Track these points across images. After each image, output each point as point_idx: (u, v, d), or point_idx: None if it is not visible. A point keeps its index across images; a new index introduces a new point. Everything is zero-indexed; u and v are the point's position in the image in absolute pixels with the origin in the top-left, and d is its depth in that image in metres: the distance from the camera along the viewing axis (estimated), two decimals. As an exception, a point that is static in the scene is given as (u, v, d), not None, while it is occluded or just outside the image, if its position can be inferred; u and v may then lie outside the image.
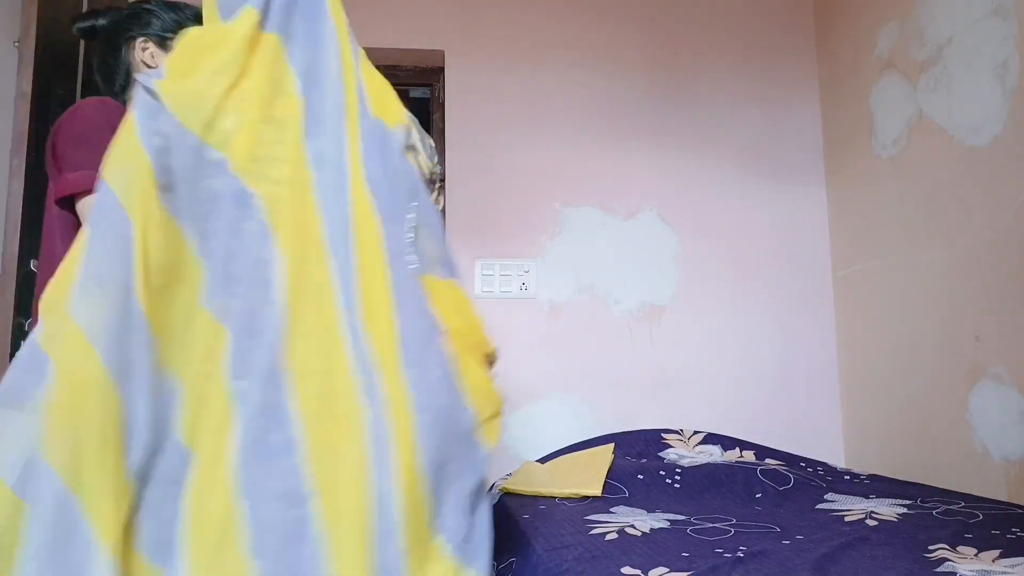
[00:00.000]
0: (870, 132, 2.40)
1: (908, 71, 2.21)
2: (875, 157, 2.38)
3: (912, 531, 1.33)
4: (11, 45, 1.84)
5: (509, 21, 2.62)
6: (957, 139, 2.00)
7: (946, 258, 2.05)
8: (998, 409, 1.85)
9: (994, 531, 1.31)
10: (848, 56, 2.55)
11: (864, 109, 2.44)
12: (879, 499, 1.66)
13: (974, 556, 1.15)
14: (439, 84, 2.70)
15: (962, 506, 1.54)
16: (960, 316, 1.98)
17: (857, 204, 2.48)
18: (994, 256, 1.87)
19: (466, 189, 2.52)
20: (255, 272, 0.95)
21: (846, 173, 2.57)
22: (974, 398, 1.93)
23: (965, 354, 1.96)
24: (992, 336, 1.88)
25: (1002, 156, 1.85)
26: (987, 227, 1.89)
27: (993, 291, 1.87)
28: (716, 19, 2.74)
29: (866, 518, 1.46)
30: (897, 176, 2.27)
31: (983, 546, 1.20)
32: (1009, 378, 1.82)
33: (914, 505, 1.58)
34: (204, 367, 0.92)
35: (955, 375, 2.00)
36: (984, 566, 1.08)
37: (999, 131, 1.86)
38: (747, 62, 2.71)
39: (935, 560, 1.13)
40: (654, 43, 2.68)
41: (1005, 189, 1.84)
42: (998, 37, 1.86)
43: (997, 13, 1.87)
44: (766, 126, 2.67)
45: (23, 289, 1.66)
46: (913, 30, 2.19)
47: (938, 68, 2.08)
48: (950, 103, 2.04)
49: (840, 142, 2.61)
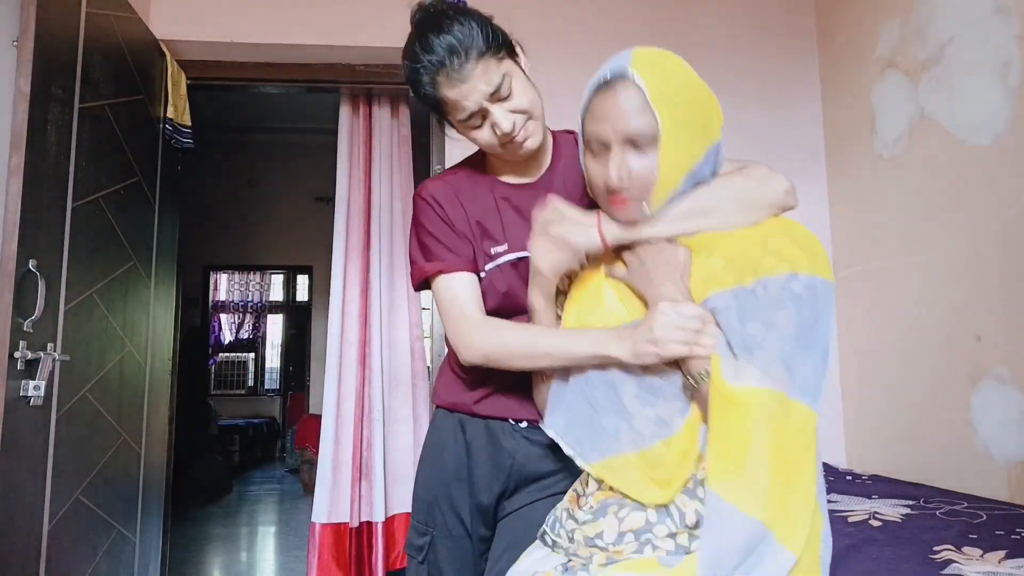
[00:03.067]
0: (871, 131, 2.40)
1: (909, 70, 2.21)
2: (876, 156, 2.37)
3: (916, 532, 1.33)
4: (10, 45, 1.83)
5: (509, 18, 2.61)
6: (959, 138, 2.00)
7: (948, 258, 2.04)
8: (1000, 409, 1.85)
9: (998, 532, 1.31)
10: (849, 55, 2.55)
11: (865, 108, 2.43)
12: (882, 500, 1.65)
13: (979, 557, 1.14)
14: (439, 83, 2.69)
15: (965, 507, 1.54)
16: (962, 316, 1.98)
17: (858, 204, 2.48)
18: (996, 255, 1.87)
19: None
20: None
21: (847, 172, 2.56)
22: (976, 398, 1.93)
23: (967, 354, 1.96)
24: (994, 336, 1.87)
25: (1004, 155, 1.84)
26: (989, 226, 1.89)
27: (995, 291, 1.87)
28: (717, 19, 2.73)
29: (870, 519, 1.46)
30: (899, 176, 2.26)
31: (988, 547, 1.19)
32: (1011, 378, 1.81)
33: (917, 506, 1.58)
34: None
35: (957, 375, 1.99)
36: (990, 567, 1.08)
37: (1001, 130, 1.85)
38: (748, 62, 2.71)
39: (941, 562, 1.12)
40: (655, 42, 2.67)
41: (1007, 188, 1.83)
42: (1000, 36, 1.86)
43: (999, 12, 1.86)
44: (767, 126, 2.66)
45: (22, 289, 1.66)
46: (914, 29, 2.19)
47: (939, 67, 2.08)
48: (952, 102, 2.03)
49: (841, 141, 2.60)
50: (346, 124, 3.16)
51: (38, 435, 1.73)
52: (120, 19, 2.21)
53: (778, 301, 0.92)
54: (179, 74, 2.63)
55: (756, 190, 1.03)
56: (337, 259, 3.05)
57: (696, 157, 1.00)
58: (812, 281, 0.93)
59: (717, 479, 0.89)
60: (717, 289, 0.96)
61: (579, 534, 1.00)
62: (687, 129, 0.98)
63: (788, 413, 0.89)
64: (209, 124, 4.41)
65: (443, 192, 1.28)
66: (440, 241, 1.25)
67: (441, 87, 1.14)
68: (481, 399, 1.30)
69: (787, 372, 0.90)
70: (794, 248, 0.95)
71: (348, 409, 2.94)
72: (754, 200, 1.02)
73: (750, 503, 0.87)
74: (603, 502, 1.00)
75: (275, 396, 8.83)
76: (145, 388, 2.36)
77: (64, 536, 1.82)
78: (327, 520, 2.81)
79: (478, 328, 1.18)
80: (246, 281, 9.22)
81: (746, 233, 1.00)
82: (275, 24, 2.63)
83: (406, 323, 3.11)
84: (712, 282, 0.97)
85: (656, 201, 0.99)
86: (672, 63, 1.02)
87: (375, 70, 2.75)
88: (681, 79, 1.00)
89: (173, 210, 2.61)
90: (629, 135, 0.96)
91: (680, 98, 0.98)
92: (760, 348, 0.91)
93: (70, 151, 1.88)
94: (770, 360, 0.90)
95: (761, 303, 0.92)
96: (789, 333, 0.91)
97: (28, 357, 1.67)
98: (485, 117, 1.16)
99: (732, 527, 0.87)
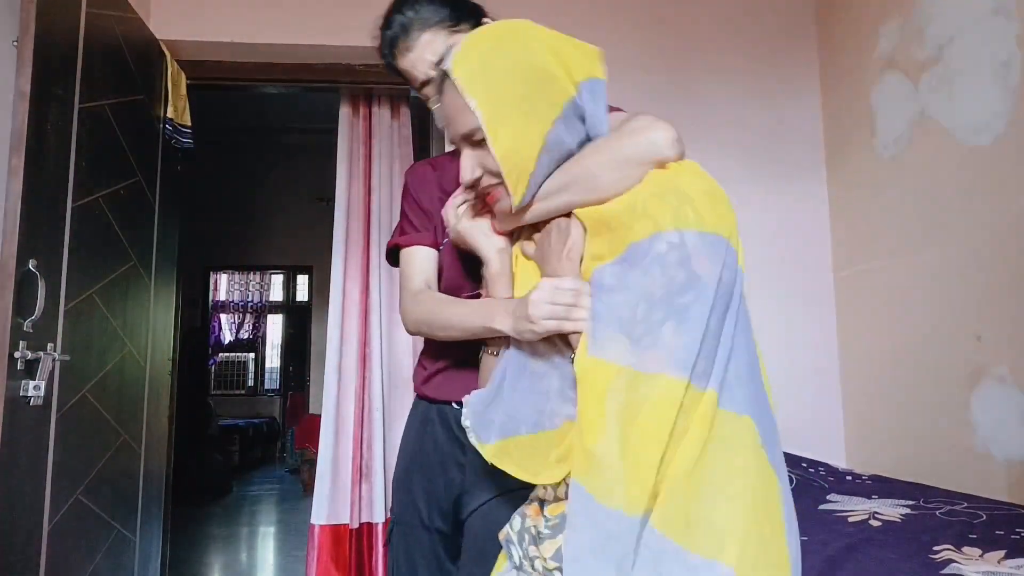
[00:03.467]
0: (871, 131, 2.40)
1: (910, 70, 2.21)
2: (877, 157, 2.37)
3: (916, 532, 1.33)
4: (10, 45, 1.83)
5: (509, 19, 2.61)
6: (959, 139, 2.00)
7: (948, 257, 2.04)
8: (1000, 409, 1.85)
9: (998, 531, 1.30)
10: (849, 56, 2.55)
11: (865, 108, 2.43)
12: (882, 499, 1.65)
13: (979, 557, 1.14)
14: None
15: (965, 506, 1.54)
16: (962, 316, 1.98)
17: (859, 204, 2.48)
18: (996, 255, 1.87)
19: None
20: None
21: (847, 173, 2.56)
22: (976, 398, 1.93)
23: (967, 354, 1.96)
24: (994, 336, 1.87)
25: (1004, 156, 1.84)
26: (989, 226, 1.89)
27: (995, 290, 1.87)
28: (718, 19, 2.73)
29: (869, 519, 1.45)
30: (899, 176, 2.26)
31: (988, 547, 1.19)
32: (1011, 378, 1.81)
33: (917, 506, 1.58)
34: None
35: (957, 375, 1.99)
36: (990, 567, 1.08)
37: (1001, 131, 1.85)
38: (749, 62, 2.71)
39: (941, 561, 1.12)
40: (655, 42, 2.68)
41: (1007, 188, 1.83)
42: (999, 37, 1.86)
43: (998, 12, 1.86)
44: (767, 126, 2.66)
45: (22, 289, 1.66)
46: (914, 29, 2.19)
47: (940, 67, 2.08)
48: (952, 103, 2.03)
49: (841, 141, 2.60)
50: (346, 124, 3.16)
51: (38, 435, 1.73)
52: (120, 19, 2.21)
53: (642, 266, 0.84)
54: (179, 74, 2.63)
55: (628, 148, 0.94)
56: (337, 259, 3.05)
57: (542, 132, 0.92)
58: (679, 237, 0.83)
59: (576, 468, 0.83)
60: (599, 263, 0.90)
61: (539, 563, 0.93)
62: (516, 109, 0.91)
63: (636, 388, 0.81)
64: (209, 124, 4.40)
65: (420, 171, 1.38)
66: (406, 217, 1.34)
67: (396, 58, 1.28)
68: (429, 378, 1.33)
69: (635, 344, 0.82)
70: (659, 204, 0.86)
71: (348, 409, 2.94)
72: (627, 158, 0.93)
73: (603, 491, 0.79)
74: (562, 516, 0.91)
75: (275, 396, 8.83)
76: (145, 388, 2.37)
77: (64, 536, 1.82)
78: (326, 521, 2.81)
79: (411, 299, 1.25)
80: (246, 281, 9.22)
81: (626, 197, 0.91)
82: (275, 24, 2.63)
83: (406, 323, 3.11)
84: (596, 258, 0.92)
85: (516, 188, 0.94)
86: (495, 41, 0.95)
87: (375, 70, 2.75)
88: (502, 57, 0.93)
89: (173, 210, 2.61)
90: (463, 134, 0.95)
91: (501, 78, 0.92)
92: (632, 322, 0.83)
93: (70, 151, 1.88)
94: (617, 331, 0.83)
95: (629, 271, 0.85)
96: (647, 298, 0.82)
97: (28, 357, 1.67)
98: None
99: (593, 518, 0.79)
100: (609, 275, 0.88)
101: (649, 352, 0.81)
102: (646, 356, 0.81)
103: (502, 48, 0.94)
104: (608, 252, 0.90)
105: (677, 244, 0.83)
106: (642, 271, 0.83)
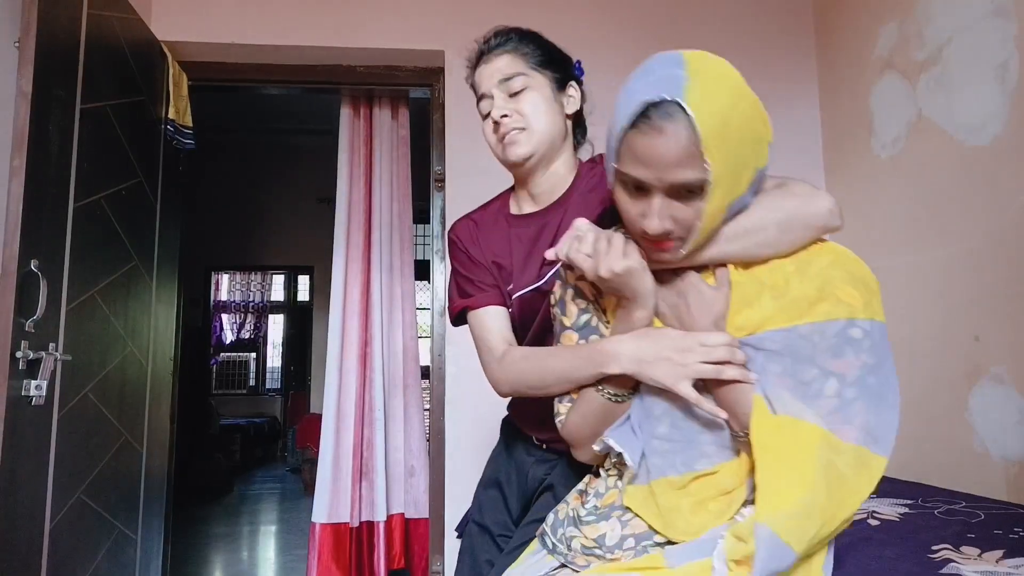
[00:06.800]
0: (870, 132, 2.40)
1: (908, 71, 2.21)
2: (875, 157, 2.38)
3: (914, 531, 1.33)
4: (11, 45, 1.83)
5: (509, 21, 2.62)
6: (957, 139, 2.00)
7: (946, 258, 2.05)
8: (998, 409, 1.85)
9: (996, 531, 1.31)
10: (848, 56, 2.55)
11: (864, 109, 2.44)
12: (880, 498, 1.65)
13: (977, 556, 1.15)
14: (439, 84, 2.70)
15: (963, 506, 1.54)
16: (960, 316, 1.98)
17: (857, 204, 2.48)
18: (994, 256, 1.87)
19: (466, 189, 2.51)
20: None
21: (846, 173, 2.57)
22: (974, 398, 1.93)
23: (965, 354, 1.96)
24: (992, 336, 1.88)
25: (1002, 156, 1.85)
26: (987, 227, 1.89)
27: (993, 291, 1.87)
28: (716, 19, 2.74)
29: (868, 518, 1.46)
30: (897, 176, 2.27)
31: (986, 546, 1.20)
32: (1009, 378, 1.82)
33: (915, 505, 1.58)
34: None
35: (955, 375, 2.00)
36: (988, 566, 1.08)
37: (999, 131, 1.86)
38: (747, 63, 2.68)
39: (939, 561, 1.13)
40: (653, 42, 2.67)
41: (1005, 189, 1.84)
42: (998, 37, 1.86)
43: (997, 13, 1.87)
44: (766, 126, 2.66)
45: (24, 289, 1.66)
46: (913, 30, 2.19)
47: (938, 68, 2.08)
48: (950, 103, 2.04)
49: (840, 142, 2.61)
50: (347, 125, 3.17)
51: (40, 435, 1.74)
52: (122, 20, 2.22)
53: (836, 348, 0.89)
54: (180, 75, 2.63)
55: (797, 210, 0.96)
56: (338, 259, 3.06)
57: (742, 190, 0.92)
58: (871, 326, 0.91)
59: (769, 512, 0.84)
60: (772, 327, 0.92)
61: (577, 542, 0.99)
62: (737, 169, 0.89)
63: (840, 453, 0.86)
64: (210, 125, 4.41)
65: (467, 232, 1.34)
66: (468, 278, 1.30)
67: (475, 71, 1.29)
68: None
69: (827, 415, 0.87)
70: (850, 290, 0.92)
71: (349, 409, 2.95)
72: (795, 221, 0.95)
73: (797, 538, 0.83)
74: (611, 505, 0.99)
75: (276, 396, 8.83)
76: (147, 388, 2.37)
77: (66, 535, 1.83)
78: (327, 520, 2.82)
79: (496, 363, 1.21)
80: (247, 281, 9.23)
81: (791, 262, 0.94)
82: (276, 26, 2.64)
83: (405, 323, 3.12)
84: (766, 320, 0.93)
85: (696, 243, 0.92)
86: (729, 85, 0.89)
87: (376, 72, 2.75)
88: (739, 115, 0.88)
89: (175, 211, 2.61)
90: (676, 186, 0.87)
91: (735, 134, 0.86)
92: (819, 396, 0.88)
93: (72, 152, 1.89)
94: (830, 409, 0.88)
95: (818, 349, 0.89)
96: (840, 378, 0.89)
97: (30, 357, 1.67)
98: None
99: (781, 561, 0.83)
100: (781, 341, 0.91)
101: (845, 427, 0.88)
102: (843, 429, 0.88)
103: (738, 108, 0.88)
104: (778, 318, 0.92)
105: (868, 331, 0.91)
106: (831, 352, 0.89)
